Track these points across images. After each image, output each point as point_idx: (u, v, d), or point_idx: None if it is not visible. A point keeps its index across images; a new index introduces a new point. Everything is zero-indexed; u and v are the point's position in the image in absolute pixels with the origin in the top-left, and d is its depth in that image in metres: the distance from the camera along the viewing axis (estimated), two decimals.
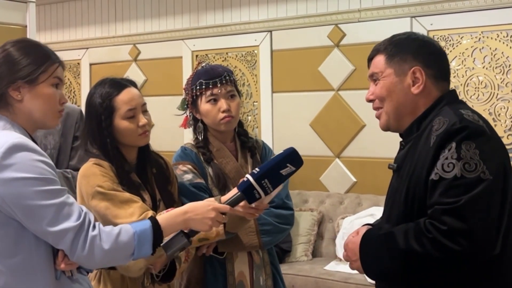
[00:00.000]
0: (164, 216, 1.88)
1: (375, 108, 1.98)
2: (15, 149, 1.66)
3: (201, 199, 2.23)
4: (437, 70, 1.90)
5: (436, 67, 1.89)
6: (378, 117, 1.97)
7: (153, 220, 1.83)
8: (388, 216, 1.91)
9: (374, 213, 4.42)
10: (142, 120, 2.21)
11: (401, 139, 1.98)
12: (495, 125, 4.53)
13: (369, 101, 1.98)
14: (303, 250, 4.86)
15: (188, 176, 2.39)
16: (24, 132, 1.77)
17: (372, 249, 1.84)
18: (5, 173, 1.64)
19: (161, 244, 1.84)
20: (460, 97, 4.73)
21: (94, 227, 1.72)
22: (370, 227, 2.01)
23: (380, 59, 1.94)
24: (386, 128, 1.97)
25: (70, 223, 1.68)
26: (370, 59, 1.98)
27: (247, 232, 2.37)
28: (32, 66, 1.76)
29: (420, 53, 1.89)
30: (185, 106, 2.52)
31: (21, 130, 1.76)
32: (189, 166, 2.41)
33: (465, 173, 1.67)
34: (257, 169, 1.97)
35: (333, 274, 4.42)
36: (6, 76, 1.75)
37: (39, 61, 1.78)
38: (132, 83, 2.28)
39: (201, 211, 1.90)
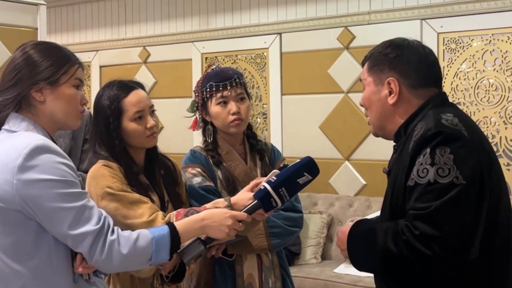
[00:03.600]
0: (182, 223, 1.89)
1: (366, 116, 2.01)
2: (38, 150, 1.67)
3: (210, 202, 2.23)
4: (416, 79, 1.88)
5: (414, 77, 1.88)
6: (369, 123, 2.01)
7: (171, 226, 1.83)
8: (381, 219, 1.95)
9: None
10: (150, 122, 2.23)
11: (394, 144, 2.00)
12: (506, 128, 4.51)
13: (362, 105, 2.01)
14: (313, 252, 4.85)
15: (198, 179, 2.39)
16: (46, 133, 1.78)
17: (357, 242, 1.85)
18: (28, 174, 1.65)
19: (178, 251, 1.85)
20: (470, 100, 4.77)
21: (113, 231, 1.73)
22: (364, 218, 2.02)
23: (365, 67, 1.97)
24: (375, 135, 2.01)
25: (90, 226, 1.69)
26: (362, 65, 2.01)
27: (256, 234, 2.37)
28: (54, 68, 1.77)
29: (397, 64, 1.89)
30: (195, 108, 2.52)
31: (43, 132, 1.78)
32: (198, 169, 2.41)
33: (438, 178, 1.67)
34: (274, 177, 1.97)
35: (342, 277, 4.41)
36: (28, 78, 1.76)
37: (60, 62, 1.79)
38: (140, 85, 2.29)
39: (218, 218, 1.91)
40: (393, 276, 1.81)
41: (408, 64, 1.89)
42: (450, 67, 4.71)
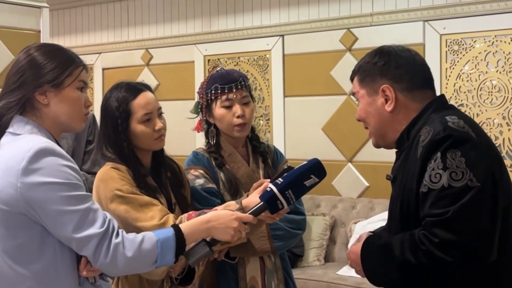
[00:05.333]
0: (187, 224, 1.88)
1: (365, 128, 2.00)
2: (42, 153, 1.66)
3: (213, 204, 2.23)
4: (409, 81, 1.87)
5: (406, 79, 1.87)
6: (369, 135, 2.00)
7: (176, 228, 1.82)
8: (389, 228, 1.92)
9: (387, 218, 4.39)
10: (158, 124, 2.23)
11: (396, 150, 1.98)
12: (509, 129, 4.51)
13: (359, 120, 2.01)
14: (316, 254, 4.85)
15: (200, 181, 2.39)
16: (50, 136, 1.78)
17: (372, 259, 1.84)
18: (32, 177, 1.64)
19: (183, 253, 1.84)
20: (473, 101, 4.76)
21: (117, 234, 1.72)
22: (371, 234, 2.00)
23: (355, 81, 1.97)
24: (377, 146, 2.00)
25: (95, 229, 1.68)
26: (351, 80, 2.00)
27: (259, 237, 2.36)
28: (58, 70, 1.76)
29: (387, 70, 1.88)
30: (199, 109, 2.51)
31: (48, 135, 1.77)
32: (201, 171, 2.41)
33: (452, 182, 1.66)
34: (280, 179, 1.95)
35: (345, 279, 4.40)
36: (32, 80, 1.75)
37: (64, 64, 1.78)
38: (148, 87, 2.29)
39: (224, 220, 1.90)
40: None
41: (398, 69, 1.88)
42: (453, 68, 4.70)
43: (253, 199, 2.07)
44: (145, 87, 2.27)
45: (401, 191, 1.82)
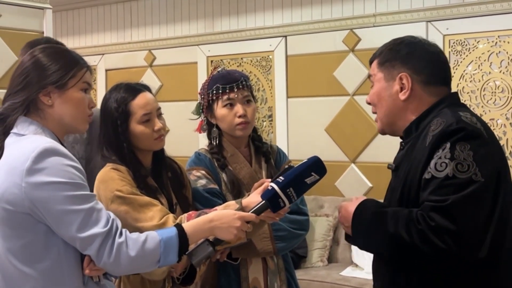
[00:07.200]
0: (190, 224, 1.89)
1: (373, 112, 2.01)
2: (46, 153, 1.68)
3: (215, 204, 2.23)
4: (428, 75, 1.89)
5: (426, 73, 1.89)
6: (376, 120, 2.01)
7: (179, 227, 1.83)
8: None
9: None
10: (158, 124, 2.23)
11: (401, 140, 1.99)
12: None
13: (368, 103, 2.01)
14: (319, 255, 4.84)
15: (202, 182, 2.39)
16: (54, 136, 1.79)
17: (363, 224, 1.84)
18: (36, 177, 1.66)
19: (186, 253, 1.84)
20: (476, 102, 4.75)
21: (121, 234, 1.73)
22: (369, 199, 2.01)
23: (374, 63, 1.98)
24: (382, 132, 2.01)
25: (98, 229, 1.69)
26: (370, 63, 2.01)
27: (262, 238, 2.36)
28: (62, 72, 1.78)
29: (409, 59, 1.90)
30: (200, 110, 2.52)
31: (52, 135, 1.79)
32: (203, 172, 2.41)
33: (457, 173, 1.67)
34: (281, 177, 1.96)
35: (349, 280, 4.40)
36: (36, 82, 1.77)
37: (68, 66, 1.80)
38: (147, 88, 2.30)
39: (226, 219, 1.90)
40: (397, 262, 1.80)
41: (420, 61, 1.90)
42: (456, 69, 4.69)
43: (253, 199, 2.08)
44: (144, 87, 2.28)
45: (402, 181, 1.83)
